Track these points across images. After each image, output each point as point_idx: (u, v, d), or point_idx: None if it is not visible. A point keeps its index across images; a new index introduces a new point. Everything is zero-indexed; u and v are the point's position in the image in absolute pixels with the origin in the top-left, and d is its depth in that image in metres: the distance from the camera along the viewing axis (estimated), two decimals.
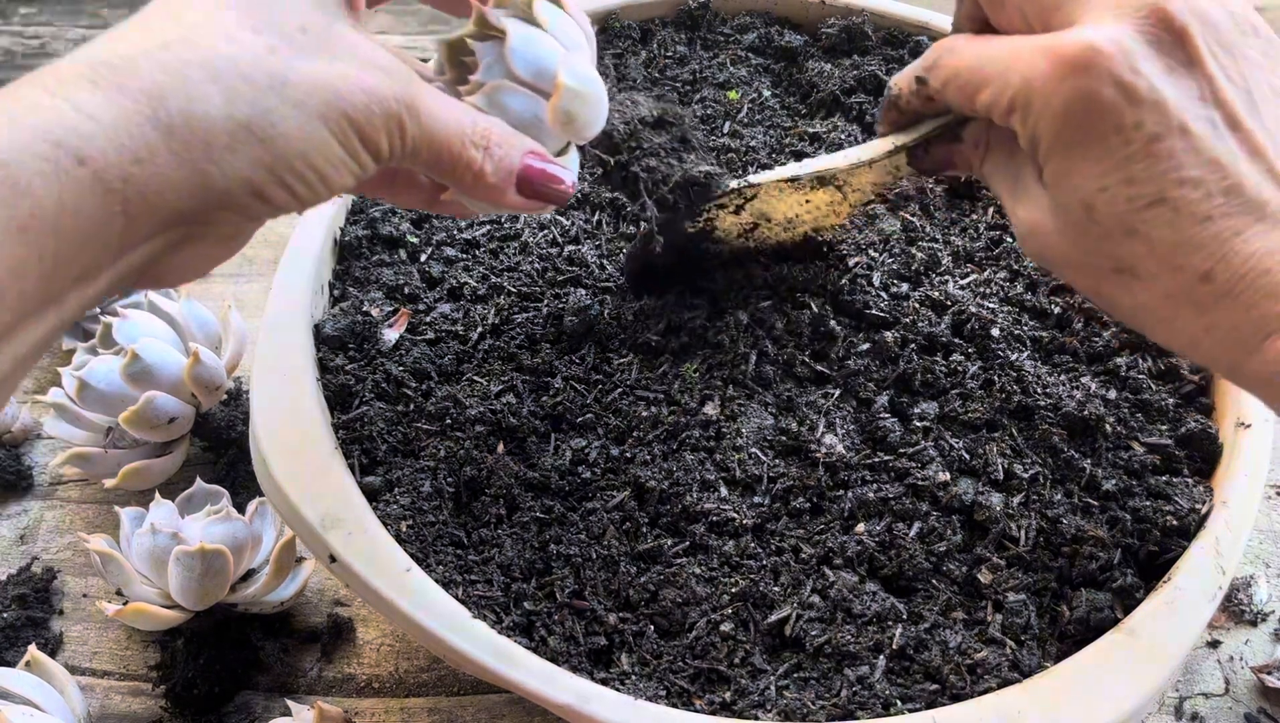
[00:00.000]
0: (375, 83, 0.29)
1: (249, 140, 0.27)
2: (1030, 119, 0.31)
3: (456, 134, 0.32)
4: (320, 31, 0.29)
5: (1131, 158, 0.30)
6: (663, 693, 0.37)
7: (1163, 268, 0.30)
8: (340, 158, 0.29)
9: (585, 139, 0.38)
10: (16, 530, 0.58)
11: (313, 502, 0.39)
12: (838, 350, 0.45)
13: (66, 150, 0.24)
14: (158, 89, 0.25)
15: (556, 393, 0.45)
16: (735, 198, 0.45)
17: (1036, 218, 0.34)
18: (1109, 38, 0.29)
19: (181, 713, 0.49)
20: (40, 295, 0.24)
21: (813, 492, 0.41)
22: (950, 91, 0.36)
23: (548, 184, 0.35)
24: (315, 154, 0.28)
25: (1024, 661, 0.37)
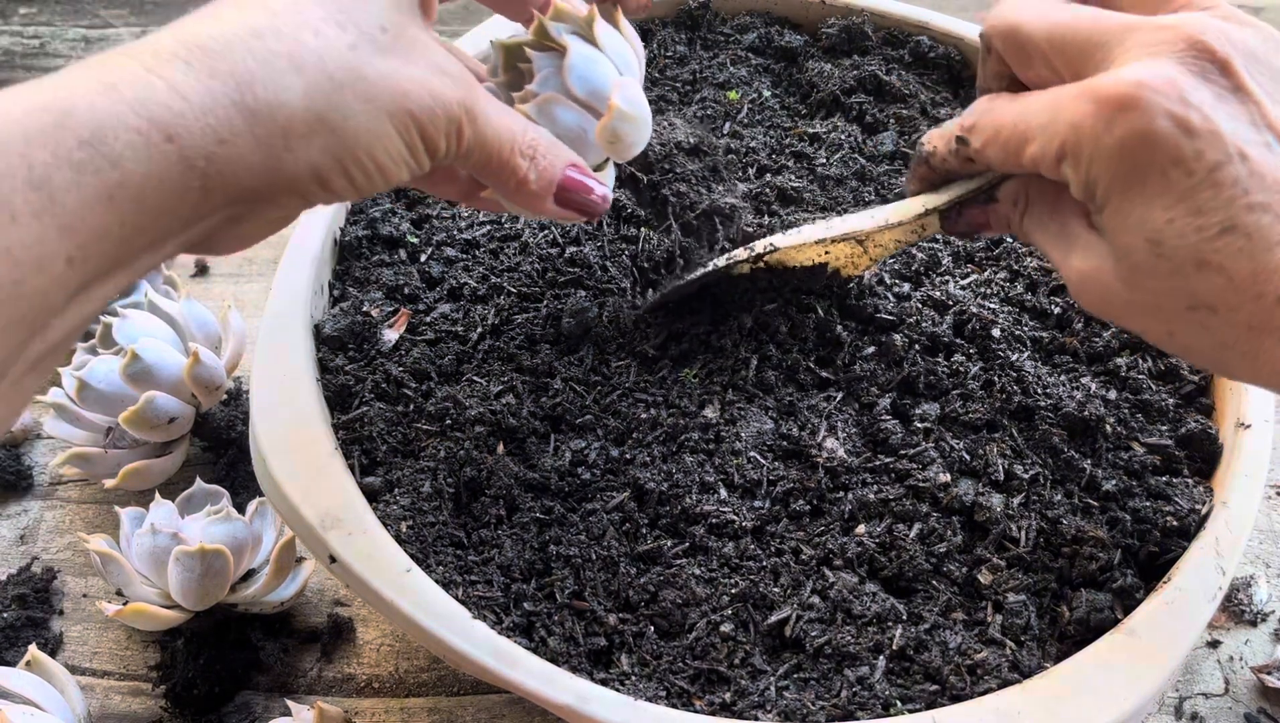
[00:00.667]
0: (441, 87, 0.31)
1: (322, 131, 0.28)
2: (1083, 164, 0.31)
3: (509, 142, 0.34)
4: (397, 32, 0.30)
5: (1196, 188, 0.29)
6: (663, 694, 0.37)
7: (1243, 298, 0.30)
8: (401, 154, 0.31)
9: (625, 159, 0.40)
10: (16, 530, 0.58)
11: (313, 502, 0.39)
12: (844, 356, 0.45)
13: (158, 126, 0.25)
14: (247, 75, 0.27)
15: (556, 394, 0.45)
16: (752, 261, 0.45)
17: (1093, 265, 0.33)
18: (1155, 74, 0.29)
19: (181, 713, 0.49)
20: (115, 258, 0.26)
21: (813, 494, 0.41)
22: (993, 151, 0.35)
23: (584, 196, 0.36)
24: (379, 149, 0.30)
25: (1024, 661, 0.37)
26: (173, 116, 0.25)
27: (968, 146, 0.36)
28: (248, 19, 0.28)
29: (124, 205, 0.25)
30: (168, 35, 0.27)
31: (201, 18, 0.28)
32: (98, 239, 0.25)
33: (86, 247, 0.24)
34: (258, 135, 0.27)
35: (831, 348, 0.46)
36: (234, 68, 0.27)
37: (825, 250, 0.45)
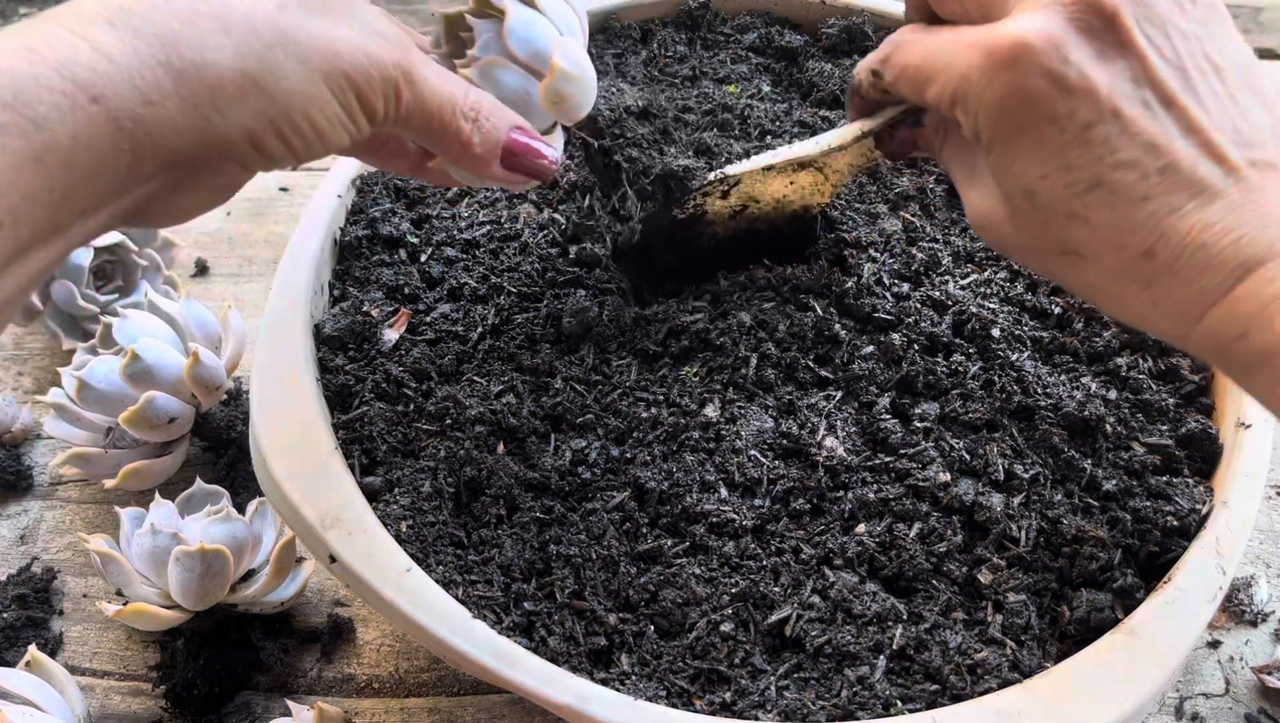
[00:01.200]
0: (376, 47, 0.31)
1: (254, 92, 0.28)
2: (970, 113, 0.32)
3: (449, 104, 0.33)
4: (327, 3, 0.30)
5: (1067, 146, 0.30)
6: (663, 693, 0.37)
7: (1106, 248, 0.31)
8: (338, 116, 0.30)
9: (572, 120, 0.39)
10: (16, 530, 0.58)
11: (313, 502, 0.39)
12: (842, 355, 0.45)
13: (82, 87, 0.25)
14: (172, 35, 0.27)
15: (556, 393, 0.45)
16: (719, 185, 0.46)
17: (988, 205, 0.35)
18: (1038, 29, 0.30)
19: (181, 713, 0.49)
20: (49, 223, 0.26)
21: (813, 493, 0.41)
22: (902, 85, 0.37)
23: (531, 159, 0.36)
24: (315, 111, 0.29)
25: (1024, 661, 0.37)
26: (97, 78, 0.25)
27: (881, 80, 0.38)
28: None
29: (53, 168, 0.25)
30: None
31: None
32: (28, 202, 0.24)
33: (16, 210, 0.24)
34: (184, 96, 0.26)
35: (830, 347, 0.46)
36: (159, 29, 0.26)
37: (790, 181, 0.47)
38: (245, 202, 0.76)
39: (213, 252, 0.73)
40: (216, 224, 0.75)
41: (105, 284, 0.65)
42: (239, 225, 0.75)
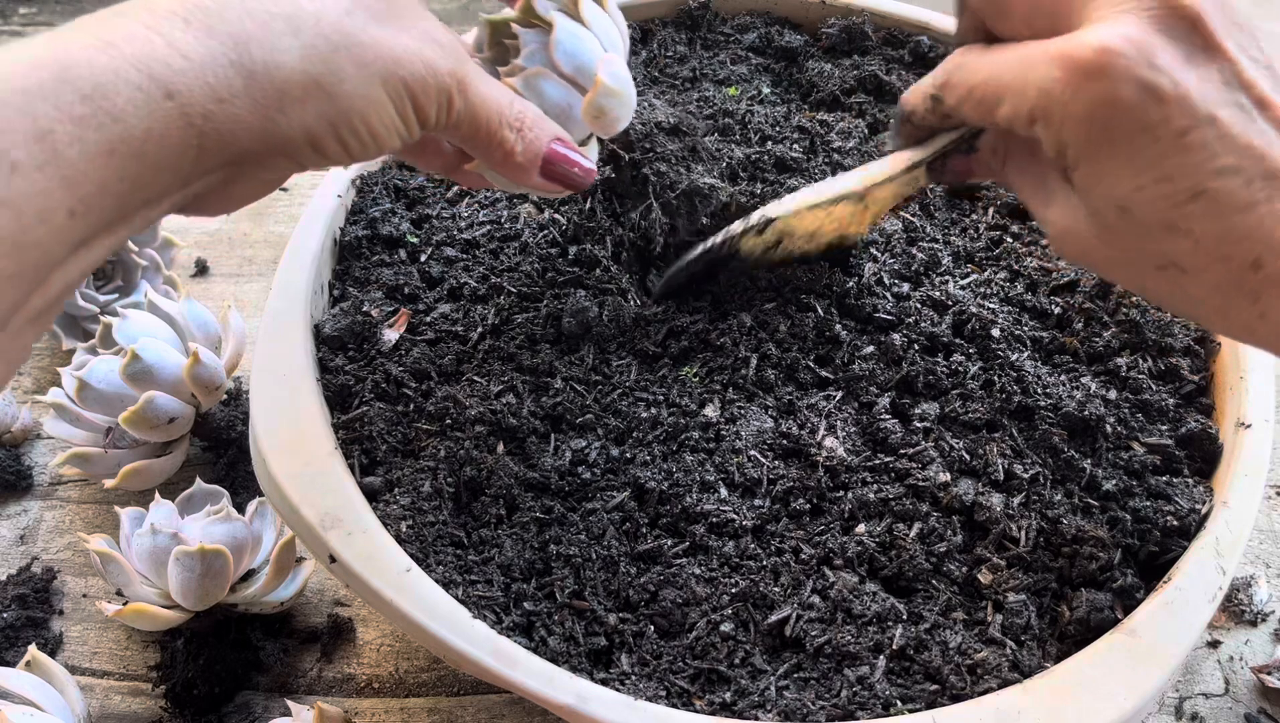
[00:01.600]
0: (434, 55, 0.31)
1: (317, 94, 0.28)
2: (1053, 129, 0.31)
3: (496, 114, 0.34)
4: (393, 4, 0.31)
5: (1163, 155, 0.29)
6: (663, 693, 0.37)
7: (1209, 260, 0.29)
8: (393, 121, 0.31)
9: (609, 134, 0.40)
10: (16, 531, 0.58)
11: (313, 502, 0.39)
12: (842, 355, 0.45)
13: (158, 83, 0.25)
14: (245, 35, 0.27)
15: (556, 393, 0.45)
16: (756, 225, 0.45)
17: (1069, 221, 0.33)
18: (1122, 35, 0.29)
19: (181, 713, 0.49)
20: (117, 212, 0.26)
21: (813, 493, 0.41)
22: (967, 109, 0.35)
23: (569, 169, 0.37)
24: (372, 114, 0.30)
25: (1024, 661, 0.37)
26: (173, 74, 0.26)
27: (942, 104, 0.37)
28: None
29: (126, 160, 0.25)
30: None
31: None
32: (99, 193, 0.25)
33: (88, 200, 0.25)
34: (254, 96, 0.27)
35: (831, 347, 0.46)
36: (231, 28, 0.27)
37: (827, 213, 0.45)
38: None
39: (213, 252, 0.73)
40: (216, 224, 0.75)
41: (105, 284, 0.65)
42: (239, 225, 0.75)
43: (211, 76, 0.26)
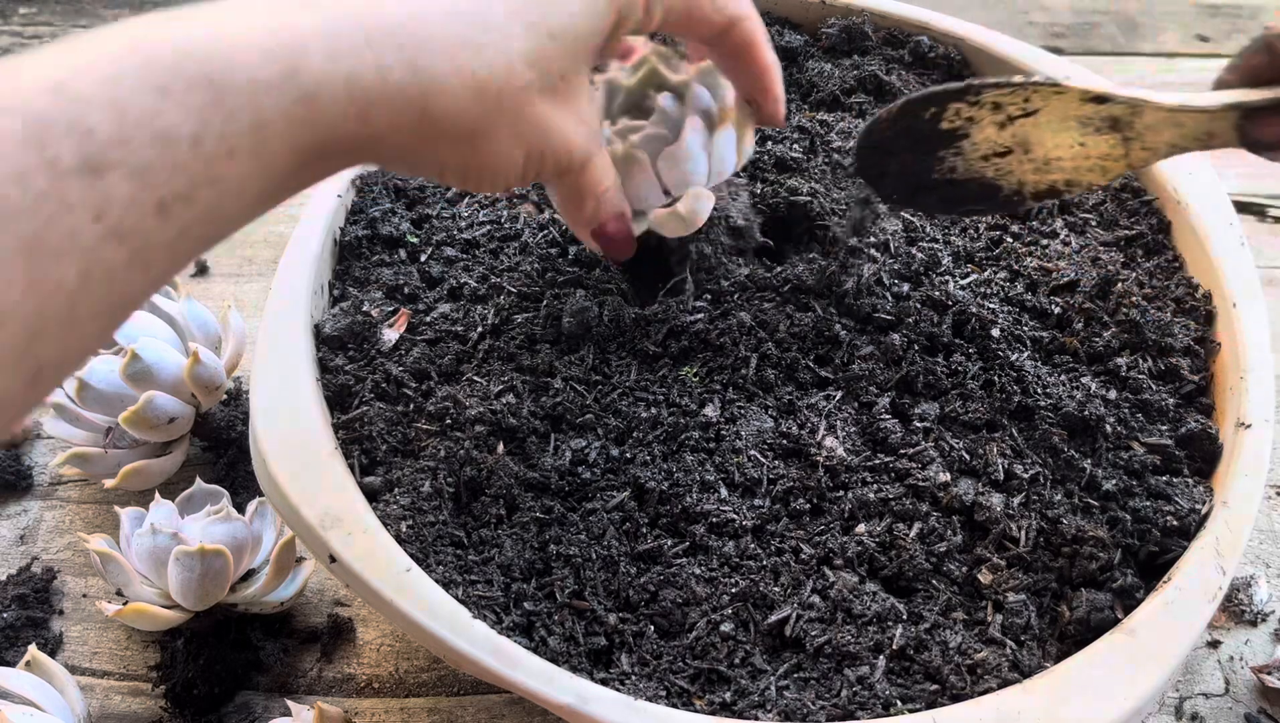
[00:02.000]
0: (577, 137, 0.35)
1: (467, 146, 0.32)
2: None
3: (593, 186, 0.38)
4: (568, 82, 0.34)
5: None
6: (663, 693, 0.37)
7: None
8: (516, 176, 0.34)
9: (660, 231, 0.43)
10: (16, 531, 0.58)
11: (313, 502, 0.39)
12: (842, 355, 0.45)
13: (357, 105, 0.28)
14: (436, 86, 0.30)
15: (556, 393, 0.45)
16: (1013, 98, 0.38)
17: None
18: None
19: (181, 713, 0.49)
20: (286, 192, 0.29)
21: (813, 493, 0.41)
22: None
23: (614, 243, 0.41)
24: (501, 169, 0.34)
25: (1024, 661, 0.37)
26: (369, 101, 0.28)
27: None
28: (458, 28, 0.30)
29: (309, 158, 0.28)
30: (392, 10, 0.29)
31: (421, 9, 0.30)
32: (281, 180, 0.28)
33: (274, 186, 0.28)
34: (423, 134, 0.30)
35: (831, 347, 0.46)
36: (433, 75, 0.29)
37: (1081, 140, 0.39)
38: None
39: (213, 252, 0.73)
40: None
41: None
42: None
43: (398, 113, 0.29)
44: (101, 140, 0.23)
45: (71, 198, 0.22)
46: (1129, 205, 0.55)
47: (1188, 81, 0.87)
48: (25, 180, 0.22)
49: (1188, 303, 0.49)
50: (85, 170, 0.22)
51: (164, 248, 0.25)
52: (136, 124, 0.23)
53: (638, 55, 0.44)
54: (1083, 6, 0.97)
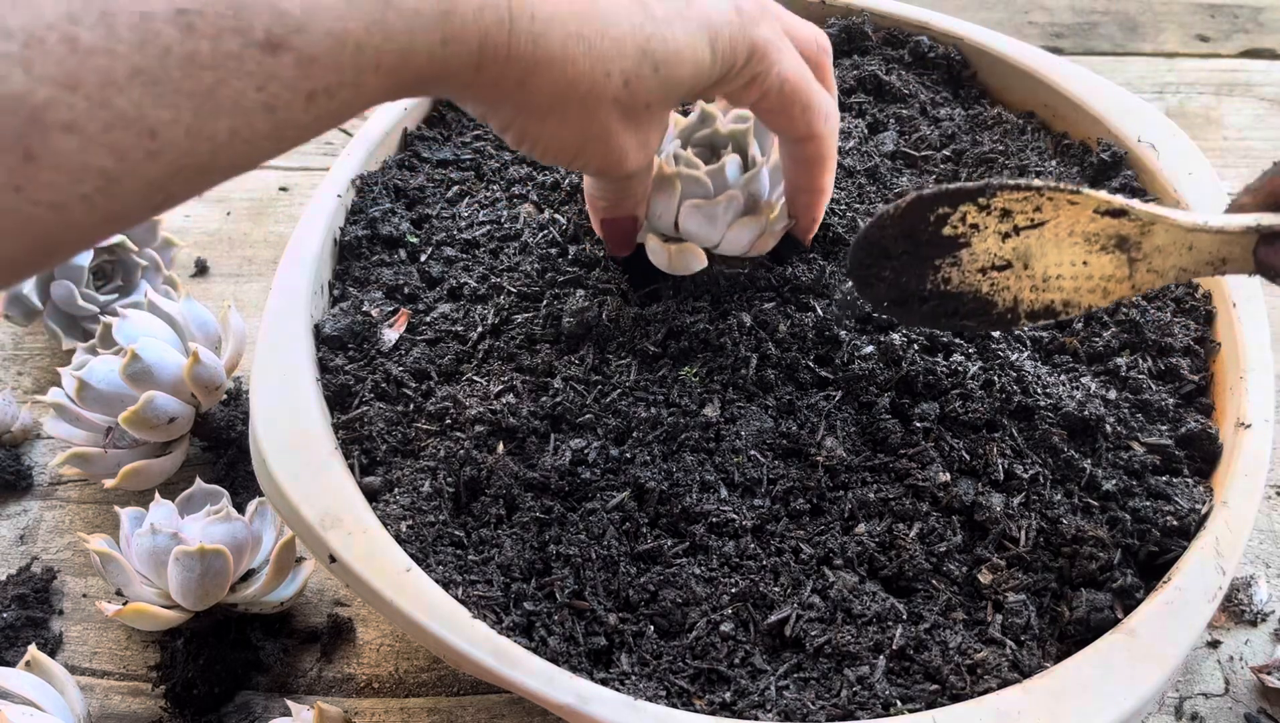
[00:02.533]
0: (630, 160, 0.38)
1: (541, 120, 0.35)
2: None
3: (622, 192, 0.42)
4: (650, 111, 0.37)
5: None
6: (663, 693, 0.37)
7: None
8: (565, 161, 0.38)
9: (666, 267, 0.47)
10: (16, 531, 0.58)
11: (313, 502, 0.39)
12: (842, 355, 0.45)
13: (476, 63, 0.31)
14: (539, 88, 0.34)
15: (556, 393, 0.45)
16: (1029, 206, 0.37)
17: None
18: None
19: (181, 713, 0.49)
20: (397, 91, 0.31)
21: (813, 493, 0.41)
22: None
23: (615, 239, 0.46)
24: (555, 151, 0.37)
25: (1024, 661, 0.37)
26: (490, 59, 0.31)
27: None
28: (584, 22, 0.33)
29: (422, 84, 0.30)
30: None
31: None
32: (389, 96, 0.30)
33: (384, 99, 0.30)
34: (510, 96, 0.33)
35: (830, 347, 0.46)
36: (549, 56, 0.32)
37: (1085, 259, 0.37)
38: (245, 202, 0.76)
39: (213, 252, 0.73)
40: (216, 224, 0.75)
41: (105, 284, 0.65)
42: (239, 225, 0.75)
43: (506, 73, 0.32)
44: (288, 24, 0.25)
45: (249, 66, 0.25)
46: None
47: (1188, 82, 0.87)
48: (219, 40, 0.24)
49: (1188, 303, 0.49)
50: (266, 45, 0.25)
51: (298, 129, 0.27)
52: (320, 20, 0.26)
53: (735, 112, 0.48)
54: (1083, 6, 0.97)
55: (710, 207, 0.43)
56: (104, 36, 0.22)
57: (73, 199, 0.23)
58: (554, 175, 0.55)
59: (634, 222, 0.45)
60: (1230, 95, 0.86)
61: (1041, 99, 0.60)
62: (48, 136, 0.22)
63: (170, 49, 0.23)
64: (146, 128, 0.23)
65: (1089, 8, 0.97)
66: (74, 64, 0.22)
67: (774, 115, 0.41)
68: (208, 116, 0.24)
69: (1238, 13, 0.96)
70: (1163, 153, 0.55)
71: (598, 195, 0.43)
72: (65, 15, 0.22)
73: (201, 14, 0.24)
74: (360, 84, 0.28)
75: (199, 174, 0.26)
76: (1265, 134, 0.82)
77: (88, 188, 0.23)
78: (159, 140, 0.24)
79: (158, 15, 0.23)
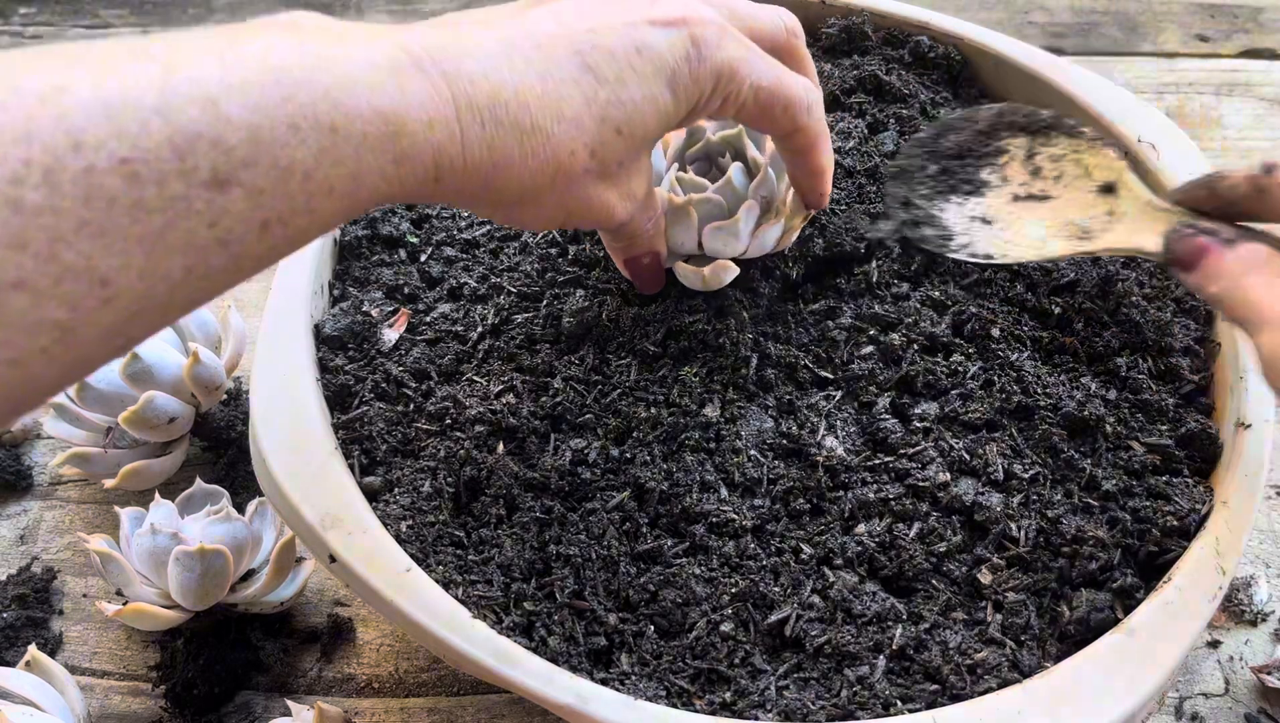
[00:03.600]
0: (619, 209, 0.38)
1: (518, 207, 0.35)
2: None
3: (637, 234, 0.41)
4: (625, 167, 0.36)
5: None
6: (663, 693, 0.37)
7: None
8: (555, 227, 0.38)
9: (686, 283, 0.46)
10: (16, 530, 0.58)
11: (313, 502, 0.39)
12: (842, 355, 0.45)
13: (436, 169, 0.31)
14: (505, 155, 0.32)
15: (556, 393, 0.45)
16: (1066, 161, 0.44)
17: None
18: None
19: (181, 713, 0.49)
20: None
21: (813, 493, 0.41)
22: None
23: (640, 279, 0.45)
24: (542, 224, 0.37)
25: (1024, 661, 0.37)
26: (447, 169, 0.31)
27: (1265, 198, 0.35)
28: (539, 114, 0.32)
29: (381, 200, 0.30)
30: (471, 65, 0.31)
31: (498, 68, 0.32)
32: (350, 215, 0.30)
33: (345, 219, 0.30)
34: (479, 197, 0.33)
35: (830, 347, 0.46)
36: (506, 156, 0.32)
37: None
38: None
39: None
40: None
41: None
42: None
43: (467, 179, 0.32)
44: (235, 161, 0.25)
45: (197, 205, 0.25)
46: None
47: (1188, 82, 0.87)
48: (164, 183, 0.24)
49: (1187, 303, 0.49)
50: (214, 184, 0.25)
51: (255, 259, 0.27)
52: (266, 152, 0.26)
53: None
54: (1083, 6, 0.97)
55: (732, 225, 0.43)
56: (47, 195, 0.22)
57: (30, 354, 0.23)
58: None
59: (657, 257, 0.44)
60: (1230, 95, 0.86)
61: (1042, 99, 0.60)
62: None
63: (116, 199, 0.23)
64: (98, 277, 0.23)
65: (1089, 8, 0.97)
66: (19, 224, 0.22)
67: (756, 120, 0.40)
68: (160, 257, 0.25)
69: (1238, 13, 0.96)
70: (1163, 153, 0.54)
71: (609, 243, 0.44)
72: (8, 179, 0.22)
73: (145, 161, 0.24)
74: (314, 210, 0.28)
75: (158, 314, 0.26)
76: (1265, 134, 0.82)
77: (44, 341, 0.23)
78: (111, 287, 0.24)
79: (99, 168, 0.23)
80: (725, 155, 0.47)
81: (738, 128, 0.47)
